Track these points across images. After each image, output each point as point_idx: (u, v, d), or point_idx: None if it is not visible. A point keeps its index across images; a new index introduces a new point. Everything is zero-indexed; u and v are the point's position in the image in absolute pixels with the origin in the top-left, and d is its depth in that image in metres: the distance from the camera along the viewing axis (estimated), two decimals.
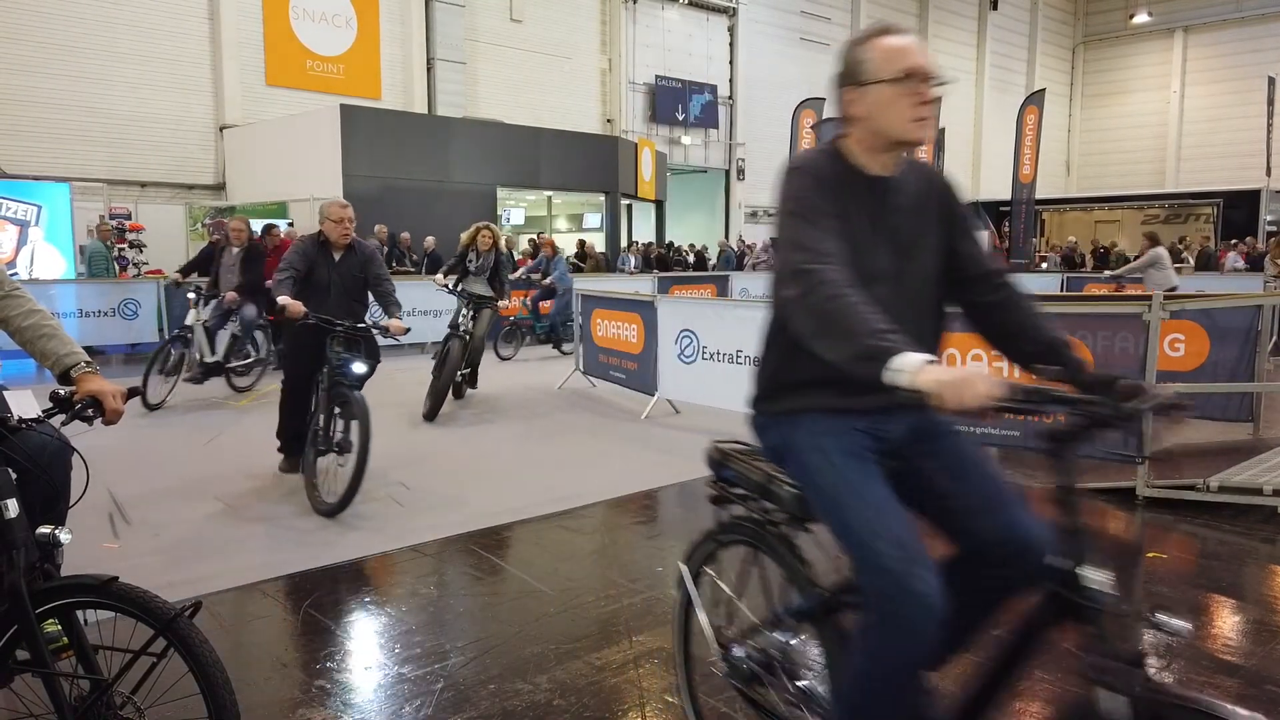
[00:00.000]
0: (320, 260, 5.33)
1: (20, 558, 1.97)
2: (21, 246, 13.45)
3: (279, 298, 5.01)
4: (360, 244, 5.49)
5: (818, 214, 1.86)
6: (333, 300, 5.26)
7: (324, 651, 3.27)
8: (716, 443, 2.37)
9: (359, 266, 5.42)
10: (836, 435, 1.93)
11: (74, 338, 2.40)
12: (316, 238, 5.41)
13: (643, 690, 3.00)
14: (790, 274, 1.82)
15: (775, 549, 2.16)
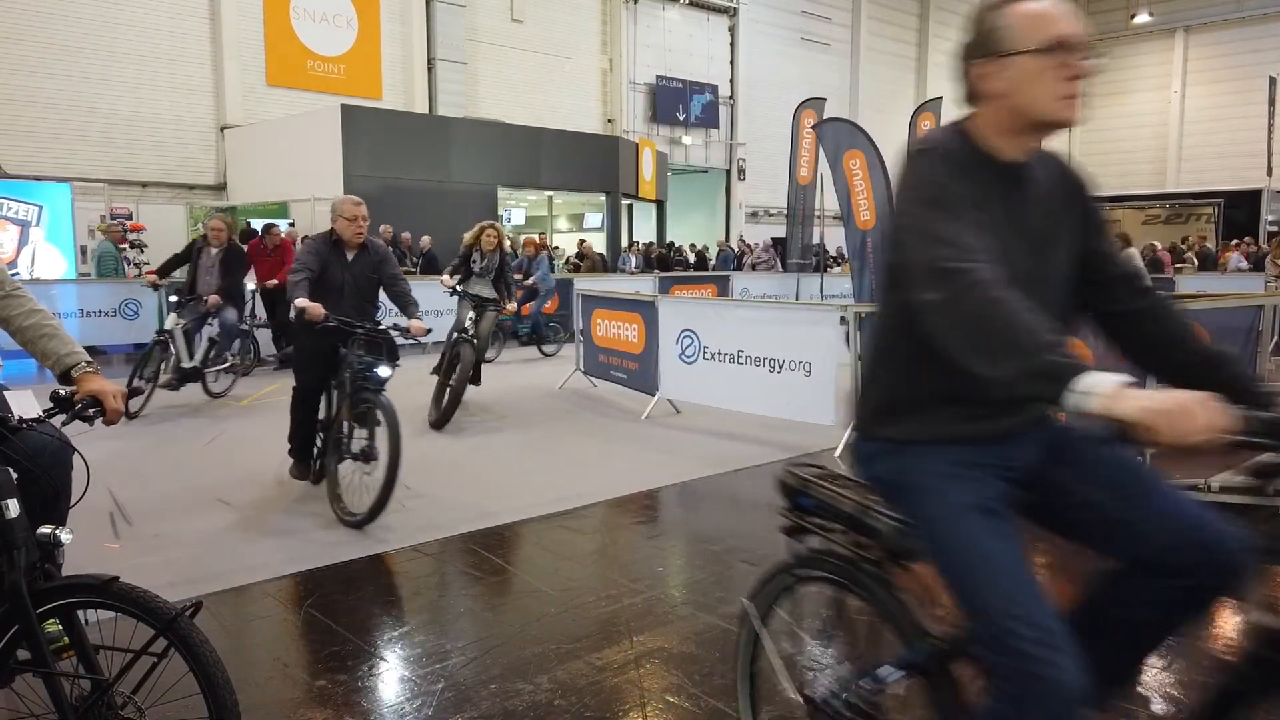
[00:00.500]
0: (333, 260, 5.10)
1: (21, 558, 1.97)
2: (22, 246, 13.46)
3: (296, 300, 4.80)
4: (373, 243, 5.28)
5: (957, 202, 1.59)
6: (346, 302, 5.05)
7: (325, 652, 3.27)
8: (791, 467, 2.11)
9: (372, 267, 5.21)
10: (963, 480, 1.67)
11: (75, 337, 2.40)
12: (328, 236, 5.19)
13: (643, 690, 3.00)
14: (930, 273, 1.54)
15: (870, 589, 1.89)
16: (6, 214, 13.36)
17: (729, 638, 3.32)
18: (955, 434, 1.70)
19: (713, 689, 2.97)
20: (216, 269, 7.90)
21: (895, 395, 1.79)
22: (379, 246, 5.33)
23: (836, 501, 1.93)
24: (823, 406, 6.57)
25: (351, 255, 5.17)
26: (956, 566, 1.63)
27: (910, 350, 1.69)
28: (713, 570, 4.16)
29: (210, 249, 7.98)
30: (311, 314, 4.74)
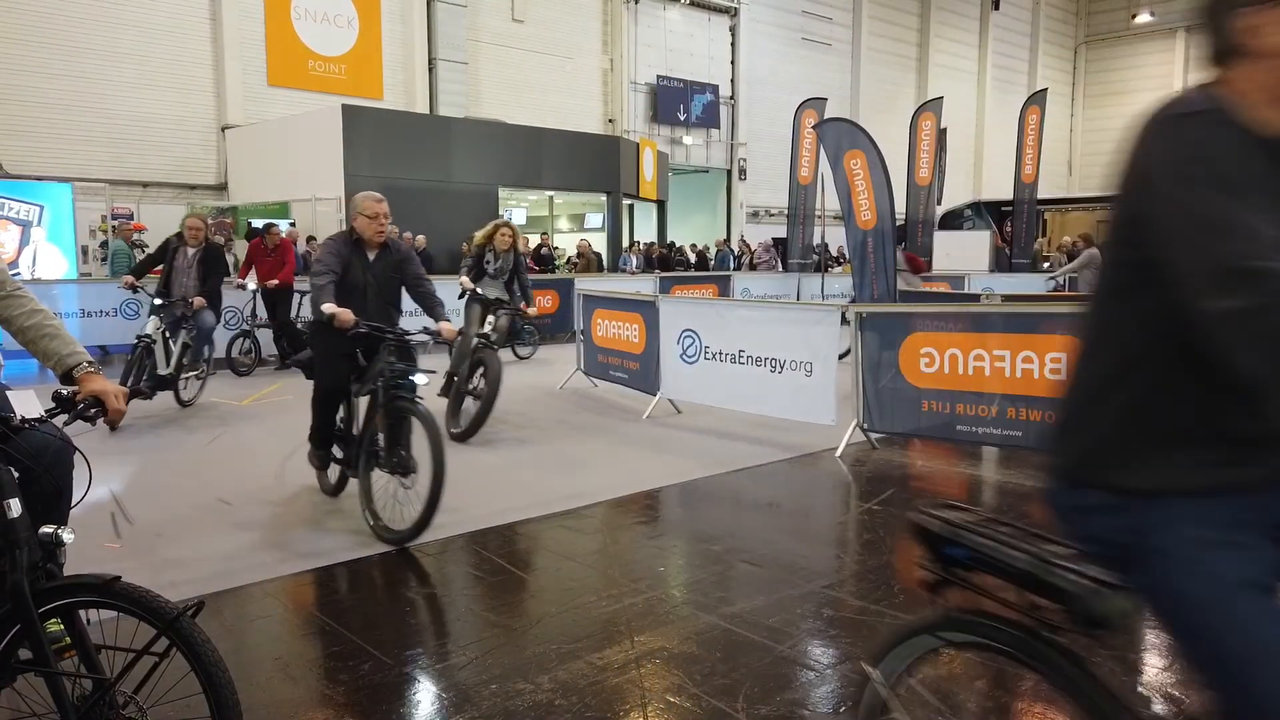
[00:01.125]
0: (354, 260, 4.77)
1: (23, 557, 1.97)
2: (24, 246, 13.47)
3: (324, 305, 4.47)
4: (395, 243, 4.99)
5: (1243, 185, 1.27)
6: (370, 305, 4.72)
7: (326, 652, 3.28)
8: (928, 509, 1.76)
9: (395, 267, 4.92)
10: (1229, 547, 1.34)
11: (76, 337, 2.40)
12: (348, 235, 4.85)
13: (645, 690, 3.00)
14: (1220, 274, 1.23)
15: (1053, 662, 1.54)
16: (8, 214, 13.37)
17: (730, 638, 3.33)
18: (1218, 482, 1.35)
19: (714, 689, 2.98)
20: (194, 270, 7.53)
21: (1130, 430, 1.42)
22: (401, 246, 5.05)
23: (1003, 554, 1.57)
24: (824, 407, 6.57)
25: (373, 255, 4.87)
26: (1223, 661, 1.31)
27: (1160, 371, 1.36)
28: (714, 570, 4.17)
29: (187, 249, 7.59)
30: (342, 321, 4.41)
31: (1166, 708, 2.85)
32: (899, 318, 6.47)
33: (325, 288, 4.55)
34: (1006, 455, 6.22)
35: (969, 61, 33.77)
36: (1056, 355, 5.50)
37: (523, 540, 4.64)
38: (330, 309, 4.44)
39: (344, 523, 4.75)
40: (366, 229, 4.82)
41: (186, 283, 7.52)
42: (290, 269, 10.49)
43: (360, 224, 4.83)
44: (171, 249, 7.65)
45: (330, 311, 4.44)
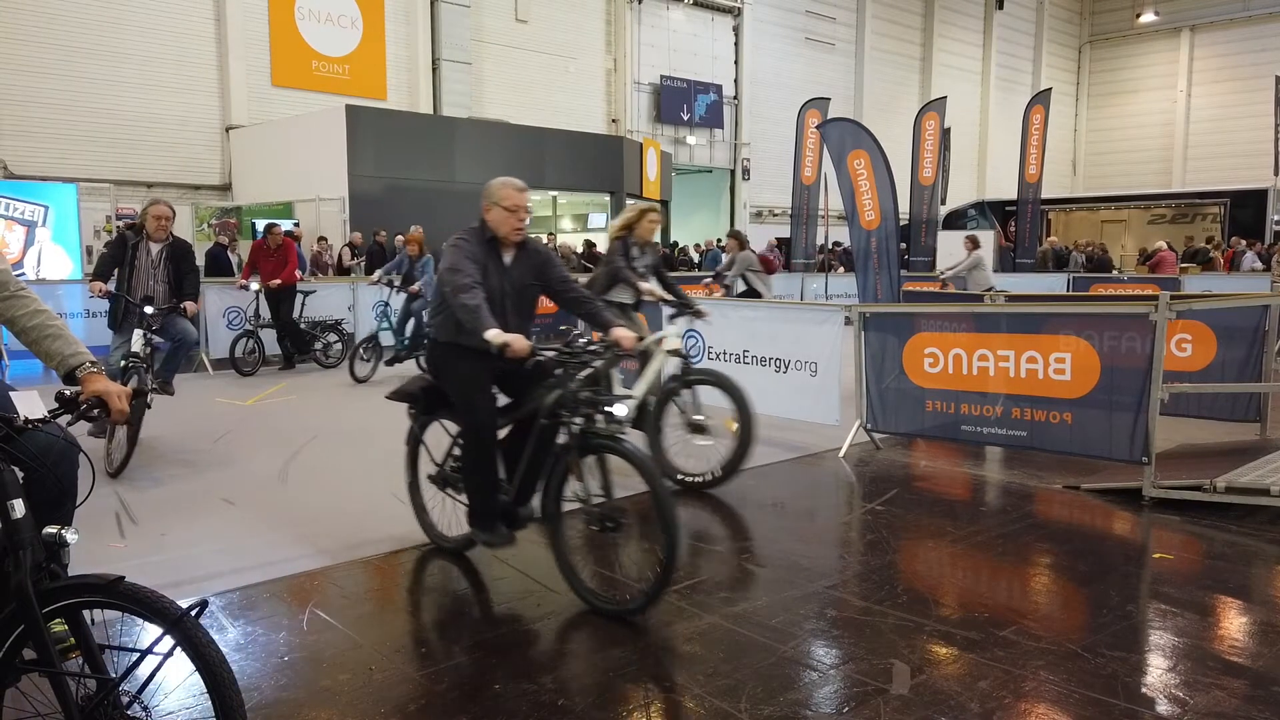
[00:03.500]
0: (490, 265, 3.87)
1: (27, 558, 1.98)
2: (29, 247, 13.51)
3: (489, 333, 3.47)
4: (534, 242, 4.08)
5: None
6: (509, 320, 3.85)
7: (328, 652, 3.28)
8: None
9: (535, 271, 4.00)
10: None
11: (80, 338, 2.41)
12: (480, 233, 3.90)
13: (647, 690, 3.00)
14: None
15: None
16: (13, 214, 13.42)
17: (733, 638, 3.33)
18: None
19: (717, 689, 2.97)
20: (162, 269, 6.29)
21: None
22: (540, 245, 4.15)
23: None
24: (828, 407, 6.56)
25: (509, 257, 3.93)
26: None
27: None
28: (717, 570, 4.16)
29: (150, 244, 6.27)
30: (517, 351, 3.45)
31: (1170, 709, 2.84)
32: (903, 318, 6.46)
33: (479, 308, 3.56)
34: (1010, 455, 6.21)
35: (973, 61, 33.72)
36: (1061, 355, 5.49)
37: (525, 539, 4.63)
38: (498, 336, 3.47)
39: (346, 523, 4.76)
40: (503, 224, 3.86)
41: (152, 285, 6.22)
42: (293, 269, 10.50)
43: (495, 218, 3.86)
44: (130, 244, 6.26)
45: (500, 341, 3.44)
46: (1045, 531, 4.67)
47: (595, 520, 3.59)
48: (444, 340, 3.93)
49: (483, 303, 3.60)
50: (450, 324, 3.84)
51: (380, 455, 6.39)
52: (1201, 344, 6.24)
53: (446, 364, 3.98)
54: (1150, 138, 35.82)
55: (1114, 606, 3.66)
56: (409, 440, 4.42)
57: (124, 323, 6.26)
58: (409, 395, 4.24)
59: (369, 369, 9.64)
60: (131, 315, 6.17)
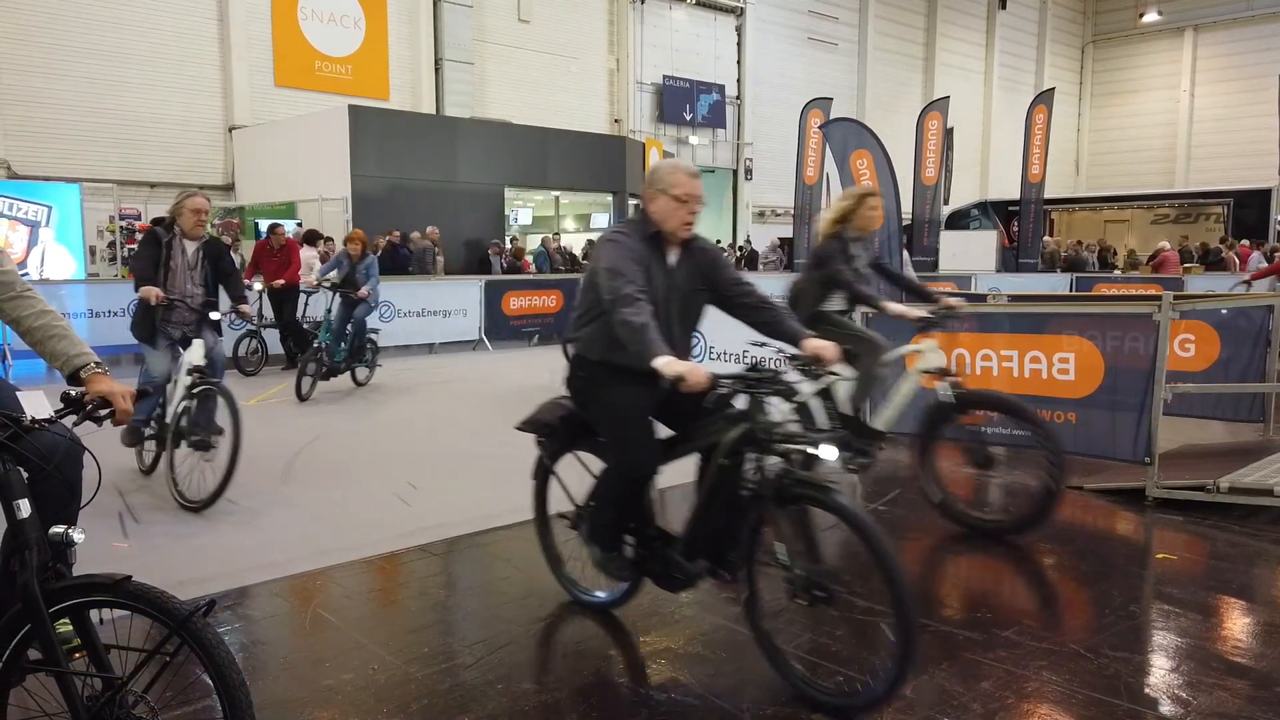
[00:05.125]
0: (653, 266, 3.19)
1: (33, 557, 1.98)
2: (32, 247, 13.53)
3: (659, 360, 2.80)
4: (701, 239, 3.37)
5: None
6: (674, 332, 3.20)
7: (332, 651, 3.28)
8: None
9: (702, 273, 3.30)
10: None
11: (84, 338, 2.41)
12: (643, 228, 3.23)
13: (650, 690, 3.00)
14: None
15: None
16: (16, 214, 13.44)
17: (735, 638, 3.33)
18: None
19: (719, 689, 2.98)
20: (199, 270, 5.51)
21: None
22: (708, 243, 3.42)
23: None
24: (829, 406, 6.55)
25: (674, 257, 3.27)
26: None
27: None
28: None
29: (185, 242, 5.47)
30: (695, 385, 2.77)
31: (1173, 709, 2.84)
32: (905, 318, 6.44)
33: (646, 328, 2.88)
34: (1013, 455, 6.21)
35: (976, 61, 33.69)
36: (1064, 355, 5.49)
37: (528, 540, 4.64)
38: (671, 366, 2.78)
39: (348, 523, 4.76)
40: (671, 217, 3.18)
41: (189, 288, 5.47)
42: (295, 269, 10.51)
43: (661, 209, 3.18)
44: (164, 242, 5.46)
45: (675, 373, 2.77)
46: (1048, 531, 4.66)
47: (799, 588, 2.85)
48: (594, 358, 3.24)
49: (651, 320, 2.91)
50: (602, 338, 3.16)
51: (381, 455, 6.41)
52: (1205, 344, 6.21)
53: (595, 387, 3.28)
54: (1153, 137, 35.78)
55: (1117, 607, 3.66)
56: (536, 474, 3.78)
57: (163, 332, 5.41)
58: (543, 426, 3.61)
59: (310, 385, 8.53)
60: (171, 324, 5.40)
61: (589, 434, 3.44)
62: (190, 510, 4.89)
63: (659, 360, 2.80)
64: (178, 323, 5.42)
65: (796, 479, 2.86)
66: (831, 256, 4.93)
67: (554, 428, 3.57)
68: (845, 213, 5.03)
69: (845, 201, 5.10)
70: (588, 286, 3.27)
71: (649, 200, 3.23)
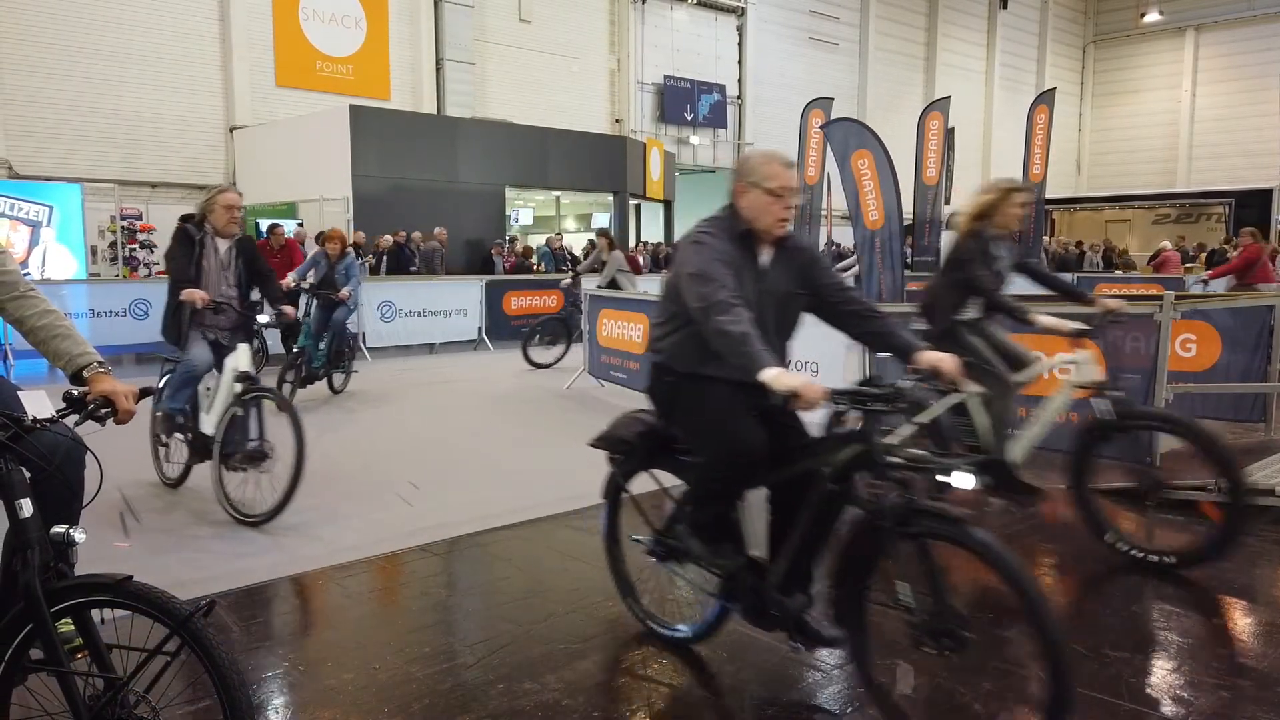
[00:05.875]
0: (743, 267, 2.87)
1: (34, 557, 1.99)
2: (33, 247, 13.55)
3: (766, 373, 2.48)
4: (796, 237, 3.04)
5: None
6: (770, 340, 2.75)
7: (333, 651, 3.29)
8: None
9: (797, 275, 2.96)
10: None
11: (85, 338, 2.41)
12: (731, 225, 2.94)
13: (651, 690, 3.00)
14: None
15: None
16: (17, 214, 13.45)
17: (736, 638, 3.33)
18: None
19: (720, 689, 2.98)
20: (233, 270, 5.19)
21: None
22: (803, 241, 3.11)
23: None
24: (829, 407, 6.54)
25: (767, 257, 2.94)
26: None
27: None
28: None
29: (217, 240, 5.15)
30: (810, 402, 2.47)
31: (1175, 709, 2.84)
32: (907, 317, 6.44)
33: (748, 338, 2.57)
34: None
35: (977, 61, 33.68)
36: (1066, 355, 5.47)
37: (529, 540, 4.65)
38: (780, 379, 2.46)
39: (350, 522, 4.77)
40: (764, 213, 2.86)
41: (223, 289, 5.14)
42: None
43: (754, 204, 2.87)
44: (195, 240, 5.12)
45: (786, 388, 2.45)
46: (1049, 531, 4.66)
47: (926, 635, 2.51)
48: (682, 370, 2.95)
49: (752, 329, 2.59)
50: (691, 347, 2.88)
51: (382, 454, 6.41)
52: (1206, 344, 6.20)
53: (686, 400, 2.97)
54: (1154, 137, 35.75)
55: (1118, 607, 3.65)
56: (607, 493, 3.46)
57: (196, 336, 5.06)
58: (620, 443, 3.33)
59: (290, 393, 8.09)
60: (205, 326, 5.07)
61: (669, 451, 3.18)
62: (248, 525, 4.64)
63: (767, 373, 2.48)
64: (213, 326, 5.10)
65: (922, 509, 2.52)
66: (970, 259, 4.36)
67: (631, 444, 3.29)
68: (987, 208, 4.43)
69: (987, 195, 4.46)
70: (670, 293, 3.00)
71: (738, 194, 2.94)
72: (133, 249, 14.90)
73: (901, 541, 2.53)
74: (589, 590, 3.88)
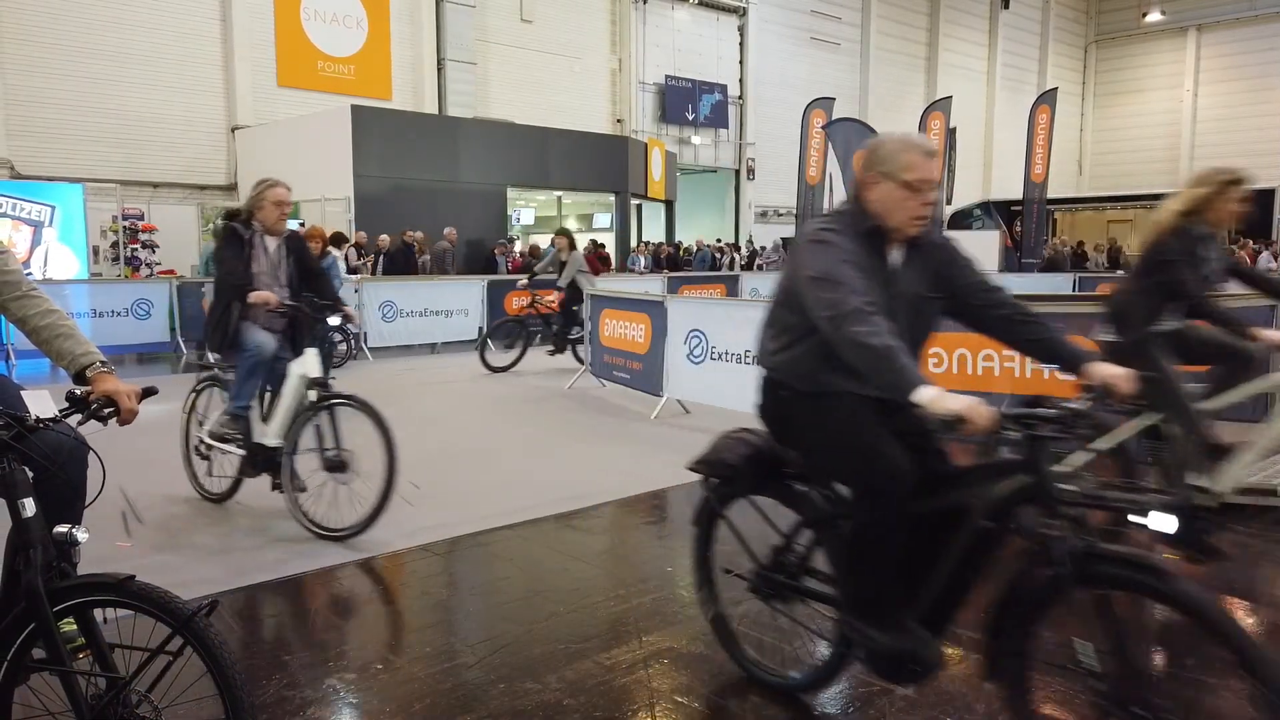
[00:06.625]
0: (871, 268, 2.47)
1: (37, 556, 1.99)
2: (35, 247, 13.57)
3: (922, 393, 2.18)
4: (931, 233, 2.60)
5: None
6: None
7: (334, 651, 3.29)
8: None
9: (934, 277, 2.59)
10: None
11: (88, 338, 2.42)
12: (857, 220, 2.53)
13: (652, 690, 3.01)
14: None
15: None
16: (20, 214, 13.47)
17: None
18: None
19: (721, 689, 2.98)
20: (284, 269, 4.86)
21: None
22: (940, 238, 2.67)
23: None
24: None
25: (898, 257, 2.57)
26: None
27: None
28: None
29: (265, 237, 4.81)
30: (981, 426, 2.15)
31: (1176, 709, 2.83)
32: None
33: (893, 352, 2.23)
34: None
35: (978, 61, 33.67)
36: None
37: (530, 540, 4.65)
38: (941, 401, 2.17)
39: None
40: (897, 209, 2.48)
41: (274, 290, 4.77)
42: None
43: (885, 198, 2.49)
44: (243, 239, 4.76)
45: (951, 411, 2.15)
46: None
47: (1113, 704, 2.13)
48: (803, 388, 2.59)
49: (896, 341, 2.25)
50: (813, 362, 2.54)
51: None
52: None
53: (808, 415, 2.60)
54: (1156, 137, 35.73)
55: None
56: (699, 519, 3.08)
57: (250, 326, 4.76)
58: (724, 467, 2.86)
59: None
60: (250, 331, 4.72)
61: (779, 477, 2.81)
62: (332, 539, 4.40)
63: (923, 393, 2.15)
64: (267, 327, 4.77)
65: (1109, 554, 2.13)
66: (1173, 260, 3.76)
67: (737, 470, 2.84)
68: (1198, 203, 3.86)
69: (1201, 188, 3.87)
70: (785, 299, 2.61)
71: (867, 186, 2.51)
72: (134, 249, 14.91)
73: (1081, 591, 2.14)
74: (590, 590, 3.88)
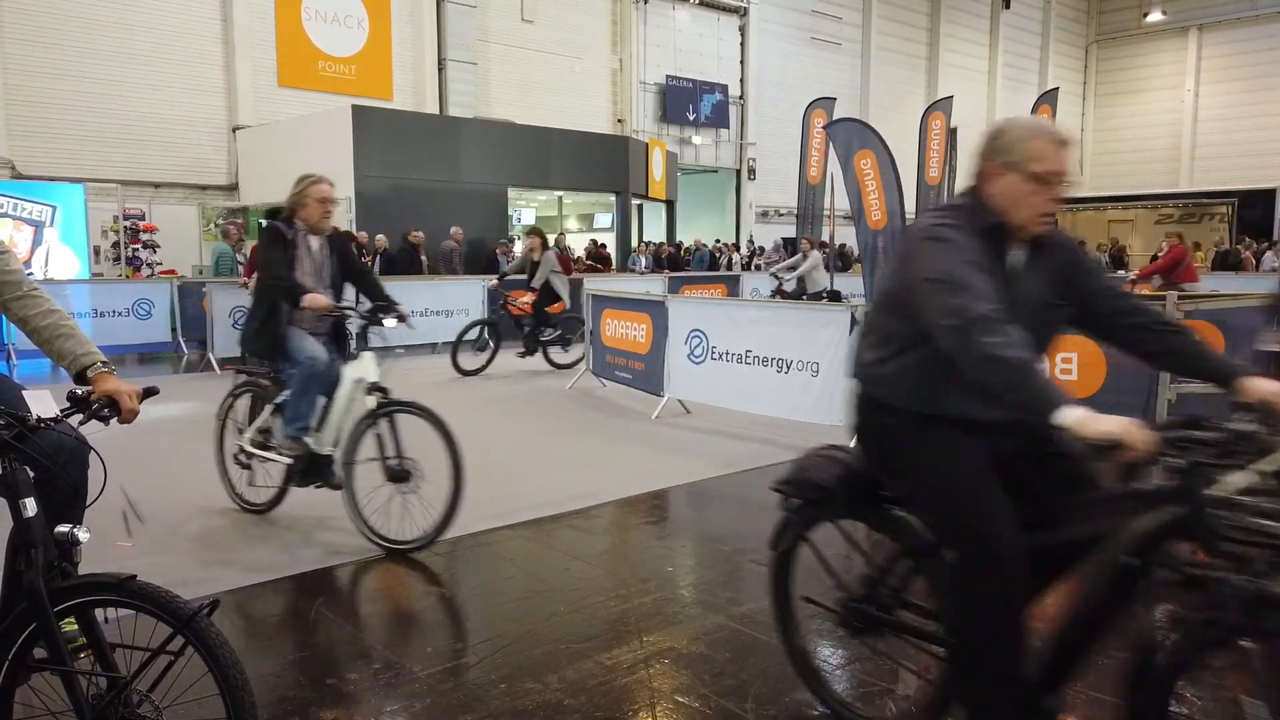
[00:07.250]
0: (991, 270, 2.15)
1: (39, 556, 1.99)
2: (36, 246, 13.58)
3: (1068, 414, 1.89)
4: (1056, 233, 2.34)
5: None
6: None
7: (335, 650, 3.29)
8: None
9: (1059, 281, 2.30)
10: None
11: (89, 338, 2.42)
12: (978, 217, 2.22)
13: (653, 690, 3.01)
14: None
15: None
16: (21, 214, 13.48)
17: (738, 638, 3.33)
18: None
19: (722, 689, 2.98)
20: (328, 269, 4.70)
21: None
22: (1065, 238, 2.41)
23: None
24: (829, 407, 6.55)
25: (1019, 257, 2.27)
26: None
27: None
28: (722, 570, 4.17)
29: (309, 236, 4.65)
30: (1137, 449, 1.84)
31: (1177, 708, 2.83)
32: None
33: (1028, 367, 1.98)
34: None
35: (979, 61, 33.66)
36: (1067, 355, 5.48)
37: (531, 540, 4.65)
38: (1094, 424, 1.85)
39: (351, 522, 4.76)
40: (1021, 204, 2.21)
41: (320, 290, 4.59)
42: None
43: (1009, 191, 2.21)
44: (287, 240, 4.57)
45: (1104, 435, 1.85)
46: None
47: None
48: (911, 408, 2.28)
49: (1031, 354, 2.00)
50: (923, 378, 2.25)
51: None
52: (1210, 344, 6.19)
53: (910, 443, 2.30)
54: (1157, 137, 35.71)
55: None
56: (778, 542, 2.86)
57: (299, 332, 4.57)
58: (813, 488, 2.61)
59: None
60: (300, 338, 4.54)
61: (874, 500, 2.52)
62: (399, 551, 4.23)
63: (1069, 414, 1.87)
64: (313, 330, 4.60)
65: None
66: None
67: (829, 491, 2.57)
68: None
69: None
70: (890, 303, 2.34)
71: (989, 178, 2.22)
72: (135, 249, 14.92)
73: (1247, 642, 1.85)
74: (591, 590, 3.89)
